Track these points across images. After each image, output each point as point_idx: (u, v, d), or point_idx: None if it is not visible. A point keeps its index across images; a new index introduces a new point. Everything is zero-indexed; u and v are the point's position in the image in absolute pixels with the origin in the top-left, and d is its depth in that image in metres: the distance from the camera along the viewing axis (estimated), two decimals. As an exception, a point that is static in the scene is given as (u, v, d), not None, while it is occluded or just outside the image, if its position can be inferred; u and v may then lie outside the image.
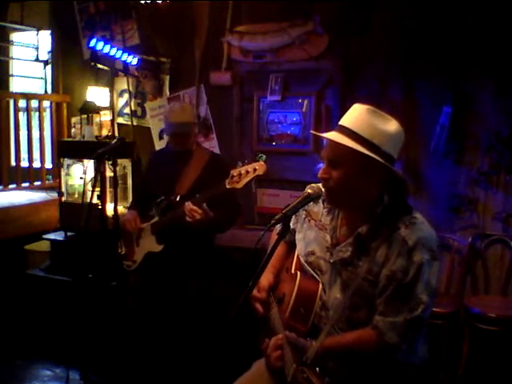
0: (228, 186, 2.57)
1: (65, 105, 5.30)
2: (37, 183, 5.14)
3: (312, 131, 3.98)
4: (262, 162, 2.54)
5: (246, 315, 1.61)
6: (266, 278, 1.88)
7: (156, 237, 2.95)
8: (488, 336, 3.21)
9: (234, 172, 2.57)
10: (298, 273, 1.75)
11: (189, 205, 2.70)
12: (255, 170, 2.52)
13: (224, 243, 3.77)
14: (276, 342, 1.64)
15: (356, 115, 1.62)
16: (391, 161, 1.60)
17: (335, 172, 1.60)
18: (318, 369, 1.48)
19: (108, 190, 4.14)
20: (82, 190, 4.38)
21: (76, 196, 4.64)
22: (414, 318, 1.53)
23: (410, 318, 1.53)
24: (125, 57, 4.35)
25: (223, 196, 2.72)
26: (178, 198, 2.85)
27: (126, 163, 4.59)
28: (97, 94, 4.84)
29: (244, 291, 1.57)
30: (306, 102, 4.12)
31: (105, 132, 4.79)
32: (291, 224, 1.84)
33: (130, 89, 4.77)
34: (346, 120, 1.63)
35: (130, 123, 4.86)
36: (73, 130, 5.03)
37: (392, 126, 1.60)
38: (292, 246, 1.93)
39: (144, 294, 3.06)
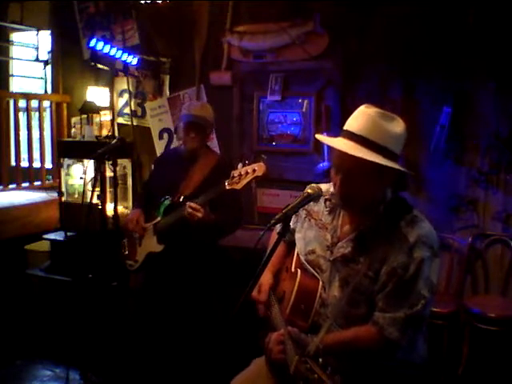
0: (228, 187, 2.56)
1: (65, 105, 5.30)
2: (37, 183, 5.13)
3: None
4: (262, 163, 2.52)
5: (246, 314, 1.62)
6: (266, 279, 1.89)
7: (157, 237, 2.94)
8: (488, 336, 3.21)
9: (235, 173, 2.55)
10: (299, 271, 1.76)
11: (190, 204, 2.68)
12: (254, 170, 2.50)
13: (224, 243, 3.77)
14: (278, 336, 1.64)
15: (367, 120, 1.57)
16: (399, 159, 1.60)
17: (349, 179, 1.58)
18: (320, 360, 1.49)
19: (108, 189, 4.14)
20: (82, 190, 4.38)
21: (76, 196, 4.64)
22: (414, 313, 1.54)
23: (411, 313, 1.54)
24: (125, 57, 4.35)
25: (226, 199, 2.71)
26: (181, 199, 2.84)
27: (126, 163, 4.59)
28: (97, 94, 4.84)
29: (244, 291, 1.57)
30: (305, 102, 4.13)
31: (105, 132, 4.79)
32: (291, 223, 1.84)
33: (130, 89, 4.77)
34: (357, 126, 1.58)
35: (130, 123, 4.86)
36: (73, 129, 5.03)
37: (399, 126, 1.60)
38: (291, 245, 1.94)
39: (146, 294, 3.06)
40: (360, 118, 1.60)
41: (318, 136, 1.76)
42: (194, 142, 2.94)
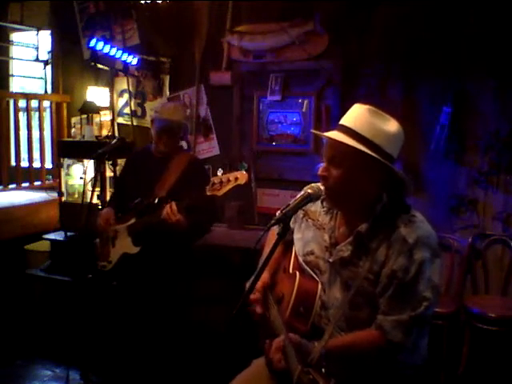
0: (208, 193, 2.55)
1: (65, 105, 5.30)
2: (37, 183, 5.13)
3: (313, 130, 3.98)
4: (244, 172, 2.53)
5: (246, 315, 1.61)
6: (260, 278, 1.87)
7: (132, 238, 2.91)
8: (488, 336, 3.21)
9: (215, 179, 2.54)
10: (297, 272, 1.74)
11: (172, 205, 2.67)
12: (236, 178, 2.50)
13: (223, 243, 3.77)
14: (278, 343, 1.61)
15: (357, 115, 1.63)
16: (391, 161, 1.60)
17: (335, 171, 1.61)
18: (323, 370, 1.47)
19: (108, 189, 4.15)
20: (82, 190, 4.38)
21: (76, 196, 4.64)
22: (417, 315, 1.53)
23: (414, 315, 1.53)
24: (125, 57, 4.35)
25: (203, 202, 2.71)
26: (156, 201, 2.83)
27: (125, 163, 4.59)
28: (97, 94, 4.84)
29: (243, 292, 1.57)
30: (305, 102, 4.12)
31: (105, 132, 4.79)
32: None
33: (130, 89, 4.77)
34: (347, 119, 1.64)
35: (130, 123, 4.86)
36: (73, 130, 5.03)
37: (392, 126, 1.61)
38: (288, 245, 1.92)
39: (124, 295, 3.03)
40: (351, 113, 1.66)
41: (313, 131, 1.78)
42: (167, 146, 2.95)
